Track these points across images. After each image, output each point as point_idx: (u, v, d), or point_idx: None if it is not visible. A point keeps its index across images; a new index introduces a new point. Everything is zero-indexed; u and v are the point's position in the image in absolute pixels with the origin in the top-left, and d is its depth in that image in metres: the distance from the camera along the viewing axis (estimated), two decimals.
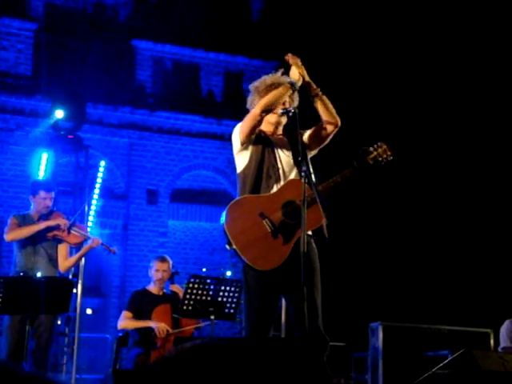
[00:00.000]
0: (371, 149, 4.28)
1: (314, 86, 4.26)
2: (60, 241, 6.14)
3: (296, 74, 4.22)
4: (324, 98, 4.26)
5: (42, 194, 6.12)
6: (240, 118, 4.39)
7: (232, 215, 4.07)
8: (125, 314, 6.47)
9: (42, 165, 8.73)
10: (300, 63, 4.25)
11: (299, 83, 4.21)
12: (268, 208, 4.09)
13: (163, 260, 6.66)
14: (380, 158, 4.27)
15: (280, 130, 4.39)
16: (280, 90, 4.17)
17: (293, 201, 4.09)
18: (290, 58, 4.26)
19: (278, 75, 4.30)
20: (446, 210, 11.43)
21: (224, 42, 11.54)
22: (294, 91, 4.20)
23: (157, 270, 6.59)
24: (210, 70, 11.64)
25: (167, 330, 6.13)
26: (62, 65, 10.53)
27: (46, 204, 6.13)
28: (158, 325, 6.15)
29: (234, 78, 11.64)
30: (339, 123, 4.28)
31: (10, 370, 1.20)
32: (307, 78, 4.25)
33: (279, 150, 4.28)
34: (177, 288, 6.66)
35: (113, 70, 10.92)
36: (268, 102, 4.14)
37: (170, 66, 11.48)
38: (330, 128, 4.28)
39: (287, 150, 4.27)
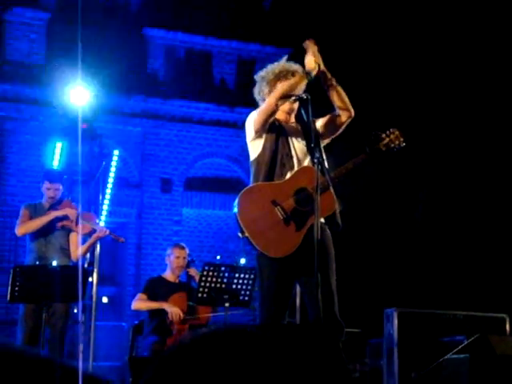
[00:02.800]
0: (383, 135, 4.25)
1: (329, 76, 4.19)
2: (71, 230, 6.17)
3: (312, 62, 4.12)
4: (338, 88, 4.20)
5: (47, 184, 6.13)
6: (253, 106, 4.36)
7: (244, 203, 4.06)
8: (140, 295, 6.50)
9: (57, 154, 8.78)
10: (317, 52, 4.15)
11: (314, 72, 4.13)
12: (280, 195, 4.08)
13: (182, 247, 6.70)
14: (392, 145, 4.24)
15: (293, 118, 4.36)
16: (296, 79, 4.12)
17: (305, 188, 4.07)
18: (309, 44, 4.16)
19: (283, 62, 4.25)
20: (460, 196, 11.37)
21: (236, 30, 11.49)
22: (309, 80, 4.14)
23: (177, 257, 6.61)
24: (222, 57, 11.61)
25: (180, 316, 6.15)
26: (75, 54, 10.52)
27: (49, 194, 6.13)
28: (172, 309, 6.15)
29: (247, 66, 11.60)
30: (353, 114, 4.24)
31: (27, 354, 1.21)
32: (323, 67, 4.17)
33: (293, 138, 4.25)
34: (194, 272, 6.68)
35: (125, 59, 10.91)
36: (283, 91, 4.10)
37: (183, 54, 11.46)
38: (343, 118, 4.23)
39: (301, 137, 4.25)
